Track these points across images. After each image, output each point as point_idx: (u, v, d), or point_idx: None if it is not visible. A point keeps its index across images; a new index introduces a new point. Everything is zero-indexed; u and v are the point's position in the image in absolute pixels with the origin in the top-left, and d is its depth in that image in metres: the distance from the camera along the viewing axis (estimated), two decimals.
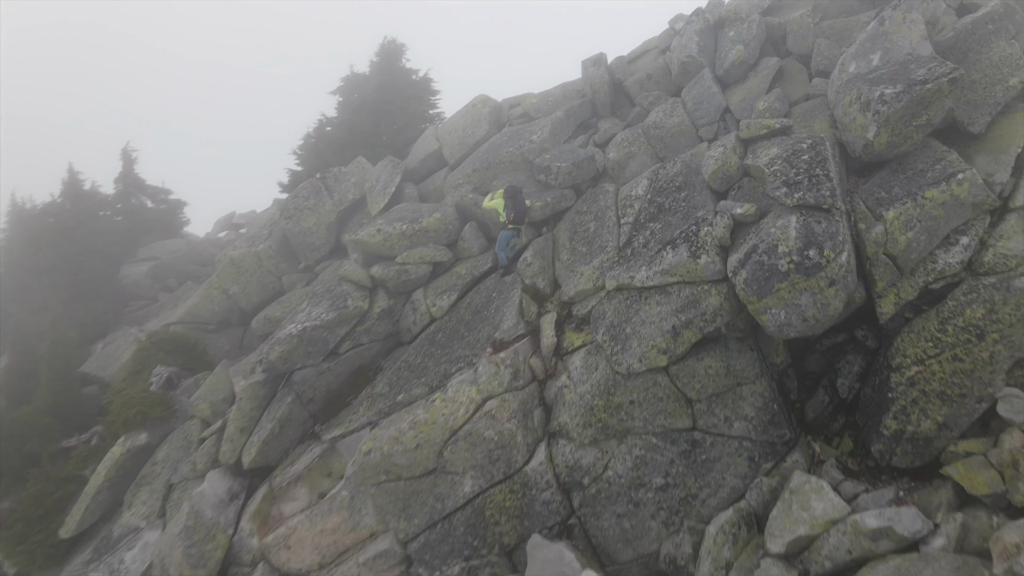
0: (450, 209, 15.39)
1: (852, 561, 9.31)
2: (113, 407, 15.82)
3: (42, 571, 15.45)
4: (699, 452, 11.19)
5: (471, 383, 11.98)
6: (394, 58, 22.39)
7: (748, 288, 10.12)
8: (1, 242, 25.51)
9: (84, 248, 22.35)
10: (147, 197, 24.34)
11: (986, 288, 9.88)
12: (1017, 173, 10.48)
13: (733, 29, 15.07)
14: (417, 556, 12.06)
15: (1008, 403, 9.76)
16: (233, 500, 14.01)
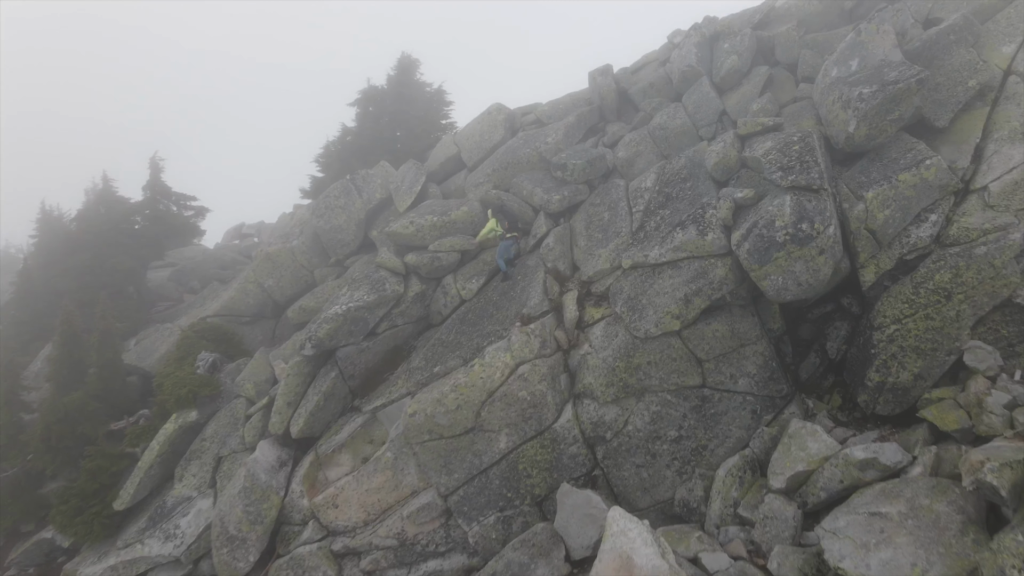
0: (475, 203, 16.98)
1: (843, 489, 10.86)
2: (164, 388, 17.10)
3: (98, 540, 16.64)
4: (708, 407, 12.75)
5: (505, 350, 13.49)
6: (409, 72, 24.06)
7: (751, 257, 11.77)
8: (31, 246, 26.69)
9: (116, 250, 23.62)
10: (172, 203, 25.69)
11: (952, 256, 11.58)
12: (976, 160, 12.24)
13: (727, 42, 16.87)
14: (456, 508, 13.46)
15: (973, 354, 11.42)
16: (282, 467, 15.37)
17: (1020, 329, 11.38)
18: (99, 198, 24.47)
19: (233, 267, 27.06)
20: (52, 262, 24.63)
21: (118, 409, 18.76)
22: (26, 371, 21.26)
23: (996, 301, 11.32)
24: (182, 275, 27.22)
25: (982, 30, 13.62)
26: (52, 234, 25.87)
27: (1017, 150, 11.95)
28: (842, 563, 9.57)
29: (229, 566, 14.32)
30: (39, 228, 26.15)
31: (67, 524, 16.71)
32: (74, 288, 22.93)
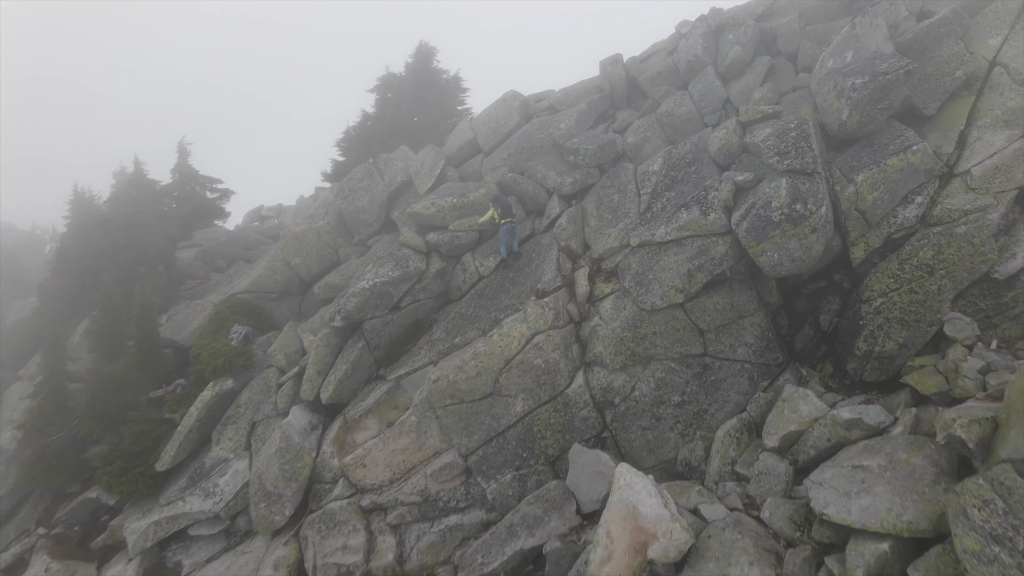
0: (492, 185, 18.04)
1: (831, 447, 11.92)
2: (201, 358, 18.30)
3: (142, 499, 17.93)
4: (709, 374, 13.82)
5: (522, 321, 14.59)
6: (427, 60, 25.00)
7: (749, 235, 12.79)
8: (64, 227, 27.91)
9: (147, 230, 24.80)
10: (199, 186, 26.80)
11: (935, 235, 12.56)
12: (960, 146, 13.17)
13: (732, 33, 17.76)
14: (476, 467, 14.62)
15: (952, 324, 12.43)
16: (313, 430, 16.57)
17: (996, 302, 12.37)
18: (131, 180, 25.63)
19: (257, 247, 28.20)
20: (87, 242, 25.79)
21: (156, 379, 19.99)
22: (66, 344, 22.50)
23: (974, 276, 12.31)
24: (208, 255, 28.42)
25: (971, 23, 14.48)
26: (85, 215, 27.02)
27: (998, 137, 12.88)
28: (826, 509, 10.63)
29: (267, 519, 15.57)
30: (72, 210, 27.31)
31: (113, 483, 17.98)
32: (108, 266, 24.11)
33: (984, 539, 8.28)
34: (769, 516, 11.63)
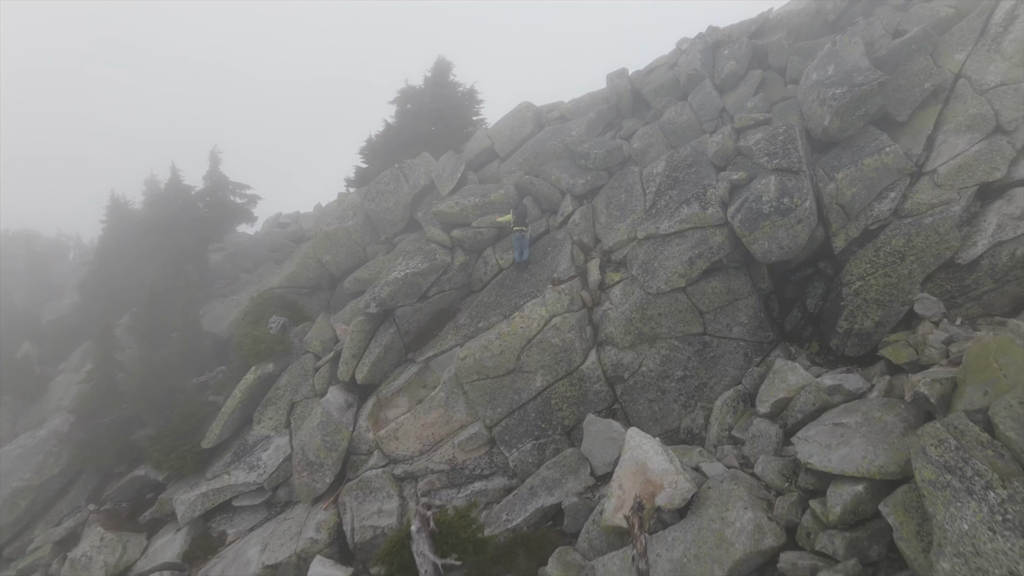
0: (510, 187, 19.81)
1: (815, 411, 13.56)
2: (244, 345, 19.99)
3: (189, 474, 19.55)
4: (708, 351, 15.52)
5: (541, 305, 16.31)
6: (444, 74, 26.87)
7: (742, 226, 14.54)
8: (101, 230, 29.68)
9: (182, 233, 26.56)
10: (229, 192, 28.59)
11: (905, 226, 14.30)
12: (928, 148, 14.94)
13: (727, 49, 19.60)
14: (499, 437, 16.26)
15: (922, 303, 14.13)
16: (349, 408, 18.24)
17: (960, 284, 14.09)
18: (168, 186, 27.40)
19: (281, 249, 29.92)
20: (124, 243, 27.59)
21: (198, 366, 21.70)
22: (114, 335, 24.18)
23: (940, 261, 14.03)
24: (235, 257, 30.20)
25: (940, 40, 16.30)
26: (121, 219, 28.83)
27: (961, 139, 14.66)
28: (810, 459, 12.26)
29: (309, 487, 17.20)
30: (109, 214, 29.09)
31: (162, 460, 19.62)
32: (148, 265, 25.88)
33: (939, 469, 9.91)
34: (761, 470, 13.27)
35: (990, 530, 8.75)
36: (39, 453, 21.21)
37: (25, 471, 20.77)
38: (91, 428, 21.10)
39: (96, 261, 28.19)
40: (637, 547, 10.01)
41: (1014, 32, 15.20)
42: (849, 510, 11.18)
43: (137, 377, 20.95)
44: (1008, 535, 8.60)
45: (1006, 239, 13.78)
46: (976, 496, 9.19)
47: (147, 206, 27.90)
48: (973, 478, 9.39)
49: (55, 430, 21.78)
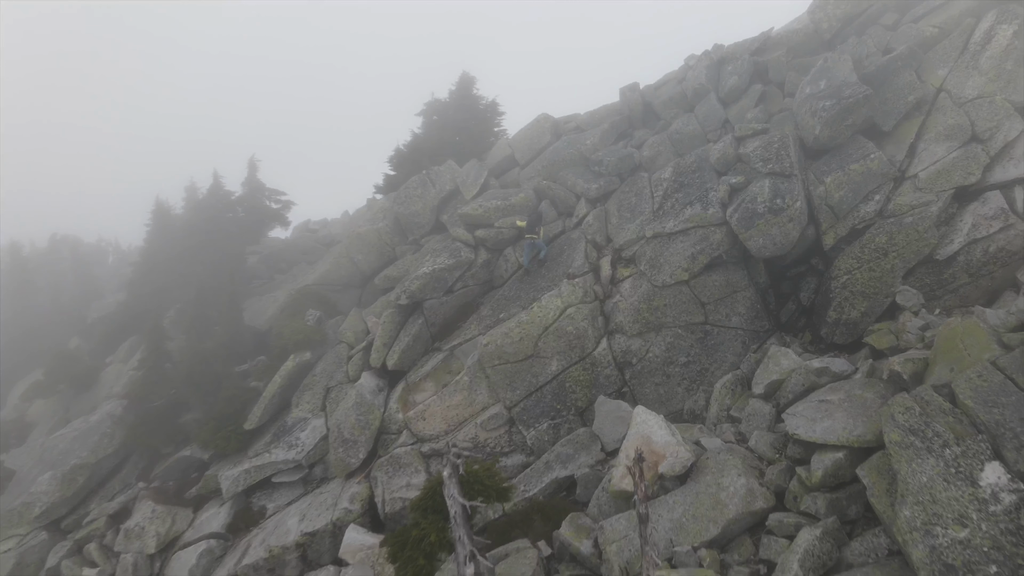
0: (530, 191, 21.51)
1: (804, 391, 14.99)
2: (284, 335, 21.79)
3: (232, 452, 21.28)
4: (709, 339, 17.03)
5: (557, 296, 17.94)
6: (468, 87, 28.70)
7: (739, 225, 16.10)
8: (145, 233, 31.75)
9: (222, 235, 28.52)
10: (266, 197, 30.55)
11: (888, 224, 15.78)
12: (910, 155, 16.43)
13: (731, 65, 21.21)
14: (518, 417, 17.83)
15: (903, 295, 15.57)
16: (380, 391, 19.91)
17: (938, 278, 15.53)
18: (209, 191, 29.42)
19: (313, 252, 31.76)
20: (168, 245, 29.61)
21: (240, 356, 23.51)
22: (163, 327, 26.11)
23: (920, 257, 15.50)
24: (270, 259, 32.13)
25: (924, 58, 17.80)
26: (164, 222, 30.89)
27: (941, 147, 16.14)
28: (797, 431, 13.67)
29: (343, 462, 18.86)
30: (153, 218, 31.15)
31: (208, 440, 21.39)
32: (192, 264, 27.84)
33: (904, 432, 11.34)
34: (755, 443, 14.73)
35: (945, 480, 10.19)
36: (95, 434, 23.06)
37: (82, 450, 22.62)
38: (142, 412, 22.95)
39: (141, 261, 30.23)
40: (638, 493, 11.50)
41: (990, 50, 16.68)
42: (830, 474, 12.57)
43: (184, 365, 22.78)
44: (960, 484, 10.03)
45: (980, 237, 15.23)
46: (935, 453, 10.63)
47: (188, 210, 29.94)
48: (933, 438, 10.81)
49: (109, 413, 23.63)
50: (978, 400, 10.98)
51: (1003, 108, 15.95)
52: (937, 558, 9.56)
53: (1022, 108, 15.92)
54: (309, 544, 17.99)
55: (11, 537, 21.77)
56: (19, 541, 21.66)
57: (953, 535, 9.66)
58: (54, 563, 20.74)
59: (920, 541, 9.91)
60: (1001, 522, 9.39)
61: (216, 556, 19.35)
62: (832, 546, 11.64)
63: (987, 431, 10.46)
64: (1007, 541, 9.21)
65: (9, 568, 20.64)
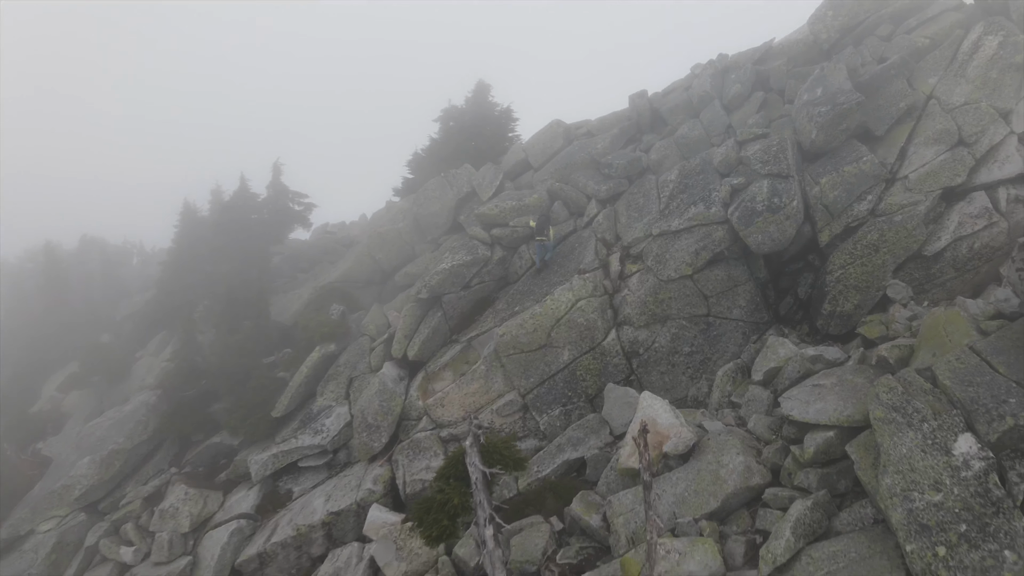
0: (543, 192, 22.71)
1: (800, 377, 16.03)
2: (310, 327, 23.05)
3: (261, 439, 22.52)
4: (712, 330, 18.13)
5: (569, 290, 19.10)
6: (483, 95, 30.00)
7: (740, 222, 17.22)
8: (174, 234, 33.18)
9: (248, 235, 29.88)
10: (289, 200, 31.92)
11: (879, 222, 16.85)
12: (901, 158, 17.50)
13: (734, 73, 22.36)
14: (531, 404, 18.96)
15: (893, 288, 16.63)
16: (401, 380, 21.11)
17: (927, 273, 16.59)
18: (236, 194, 30.82)
19: (334, 252, 33.04)
20: (196, 244, 31.01)
21: (267, 349, 24.77)
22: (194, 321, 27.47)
23: (909, 253, 16.56)
24: (292, 259, 33.47)
25: (916, 66, 18.89)
26: (192, 223, 32.32)
27: (929, 151, 17.20)
28: (792, 412, 14.72)
29: (367, 446, 20.04)
30: (181, 219, 32.59)
31: (238, 427, 22.64)
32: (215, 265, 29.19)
33: (887, 409, 12.38)
34: (753, 426, 15.79)
35: (922, 451, 11.23)
36: (130, 422, 24.37)
37: (119, 437, 23.93)
38: (175, 401, 24.25)
39: (170, 260, 31.64)
40: (643, 462, 12.59)
41: (977, 59, 17.76)
42: (821, 451, 13.59)
43: (215, 357, 24.08)
44: (935, 454, 11.08)
45: (965, 234, 16.29)
46: (914, 427, 11.67)
47: (214, 212, 31.34)
48: (913, 414, 11.86)
49: (144, 402, 24.95)
50: (955, 380, 11.98)
51: (988, 114, 17.02)
52: (913, 519, 10.56)
53: (1006, 114, 16.99)
54: (334, 523, 19.15)
55: (52, 518, 23.06)
56: (59, 522, 22.95)
57: (929, 499, 10.67)
58: (92, 542, 22.00)
59: (899, 505, 10.92)
60: (971, 486, 10.40)
61: (246, 535, 20.53)
62: (822, 515, 12.64)
63: (962, 407, 11.47)
64: (976, 502, 10.22)
65: (51, 546, 21.93)
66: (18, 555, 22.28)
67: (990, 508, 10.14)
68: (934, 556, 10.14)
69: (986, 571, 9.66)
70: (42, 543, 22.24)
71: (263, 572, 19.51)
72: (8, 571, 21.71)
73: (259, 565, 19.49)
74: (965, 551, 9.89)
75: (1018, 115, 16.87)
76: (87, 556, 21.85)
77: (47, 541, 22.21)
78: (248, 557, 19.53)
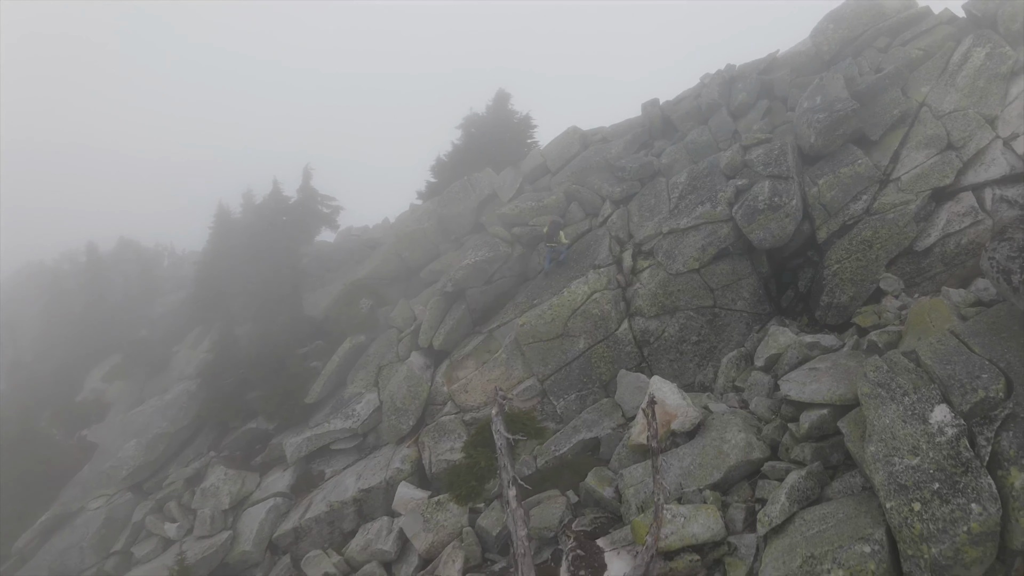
0: (561, 194, 24.23)
1: (798, 362, 17.32)
2: (341, 320, 24.69)
3: (295, 424, 24.11)
4: (717, 320, 19.50)
5: (584, 283, 20.57)
6: (503, 103, 31.60)
7: (743, 220, 18.64)
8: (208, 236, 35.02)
9: (281, 235, 31.61)
10: (318, 203, 33.67)
11: (873, 220, 18.19)
12: (894, 161, 18.84)
13: (740, 83, 23.80)
14: (549, 389, 20.39)
15: (886, 281, 17.94)
16: (428, 368, 22.63)
17: (917, 267, 17.90)
18: (269, 196, 32.62)
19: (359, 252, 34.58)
20: (230, 244, 32.82)
21: (300, 340, 26.41)
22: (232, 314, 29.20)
23: (900, 248, 17.88)
24: (319, 259, 35.14)
25: (909, 76, 20.23)
26: (226, 224, 34.16)
27: (920, 154, 18.54)
28: (789, 393, 16.01)
29: (395, 428, 21.56)
30: (216, 221, 34.42)
31: (273, 412, 24.26)
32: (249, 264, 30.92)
33: (873, 385, 13.67)
34: (754, 407, 17.11)
35: (903, 421, 12.53)
36: (173, 408, 26.09)
37: (162, 422, 25.65)
38: (214, 389, 25.90)
39: (205, 259, 33.46)
40: (649, 430, 14.00)
41: (966, 70, 19.09)
42: (815, 427, 14.86)
43: (252, 348, 25.74)
44: (914, 423, 12.37)
45: (953, 231, 17.61)
46: (896, 400, 12.98)
47: (246, 214, 33.17)
48: (896, 389, 13.16)
49: (185, 390, 26.66)
50: (935, 359, 13.26)
51: (975, 120, 18.34)
52: (893, 480, 11.86)
53: (992, 120, 18.30)
54: (364, 499, 20.63)
55: (101, 496, 24.78)
56: (108, 500, 24.64)
57: (907, 462, 11.97)
58: (139, 518, 23.65)
59: (881, 468, 12.21)
60: (944, 450, 11.68)
61: (282, 512, 22.08)
62: (815, 484, 13.92)
63: (940, 382, 12.75)
64: (948, 464, 11.51)
65: (100, 521, 23.59)
66: (71, 529, 23.99)
67: (960, 468, 11.39)
68: (910, 511, 11.42)
69: (955, 522, 10.94)
70: (92, 519, 23.91)
71: (298, 545, 21.02)
72: (62, 544, 23.42)
73: (294, 539, 21.00)
74: (937, 505, 11.15)
75: (1003, 121, 18.17)
76: (134, 531, 23.48)
77: (97, 517, 23.88)
78: (284, 531, 21.04)
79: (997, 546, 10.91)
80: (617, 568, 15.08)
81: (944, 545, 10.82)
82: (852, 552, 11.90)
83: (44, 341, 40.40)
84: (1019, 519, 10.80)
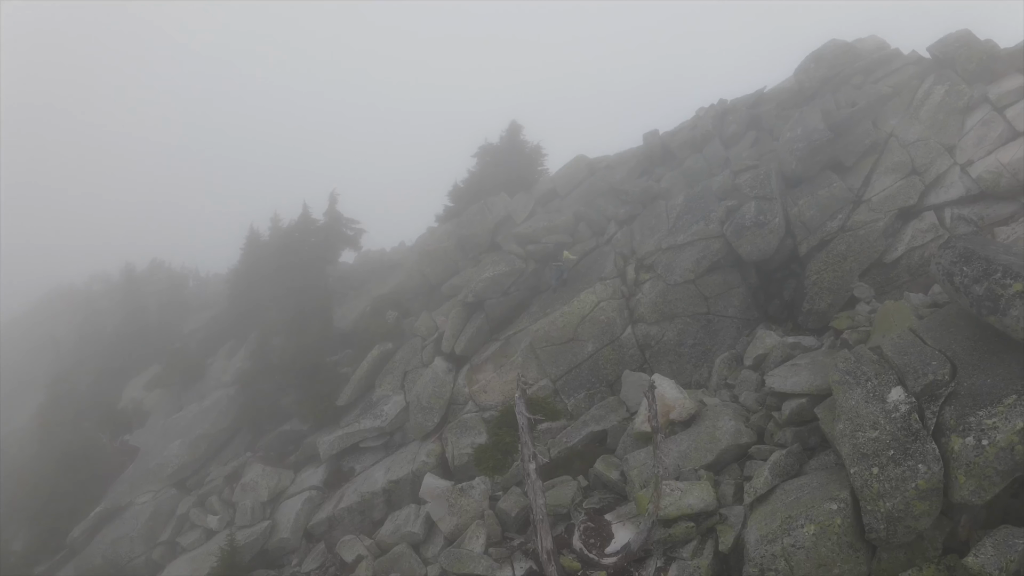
0: (570, 215, 26.79)
1: (782, 360, 19.58)
2: (369, 329, 27.06)
3: (327, 424, 26.33)
4: (711, 326, 21.86)
5: (592, 293, 22.99)
6: (516, 133, 34.32)
7: (733, 236, 21.13)
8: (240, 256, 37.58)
9: (308, 256, 34.15)
10: (343, 226, 36.25)
11: (847, 235, 20.64)
12: (865, 184, 21.36)
13: (732, 116, 26.48)
14: (560, 388, 22.67)
15: (859, 290, 20.31)
16: (450, 372, 24.94)
17: (887, 277, 20.30)
18: (299, 219, 35.24)
19: (379, 272, 37.13)
20: (260, 264, 35.35)
21: (330, 349, 28.76)
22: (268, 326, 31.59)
23: (871, 261, 20.31)
24: (343, 279, 37.66)
25: (880, 110, 22.85)
26: (256, 246, 36.74)
27: (888, 179, 21.07)
28: (773, 385, 18.18)
29: (421, 425, 23.80)
30: (247, 242, 37.00)
31: (307, 414, 26.51)
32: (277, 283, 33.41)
33: (841, 373, 15.88)
34: (743, 400, 19.37)
35: (866, 402, 14.73)
36: (213, 411, 28.38)
37: (204, 424, 27.94)
38: (251, 394, 28.22)
39: (236, 279, 36.02)
40: (650, 412, 16.28)
41: (928, 104, 21.72)
42: (795, 413, 17.04)
43: (287, 356, 28.08)
44: (875, 402, 14.58)
45: (917, 245, 20.05)
46: (860, 385, 15.19)
47: (274, 236, 35.79)
48: (860, 376, 15.38)
49: (225, 395, 28.98)
50: (894, 351, 15.49)
51: (936, 149, 20.91)
52: (857, 450, 14.01)
53: (951, 148, 20.86)
54: (393, 490, 22.77)
55: (147, 492, 26.95)
56: (154, 495, 26.81)
57: (868, 435, 14.15)
58: (183, 511, 25.79)
59: (847, 441, 14.37)
60: (898, 423, 13.87)
61: (316, 503, 24.21)
62: (795, 461, 16.09)
63: (897, 369, 14.97)
64: (901, 434, 13.69)
65: (148, 514, 25.74)
66: (120, 521, 26.13)
67: (911, 437, 13.57)
68: (870, 474, 13.58)
69: (905, 480, 13.11)
70: (140, 512, 26.07)
71: (331, 533, 23.11)
72: (114, 534, 25.55)
73: (328, 527, 23.11)
74: (891, 468, 13.32)
75: (960, 149, 20.73)
76: (179, 523, 25.60)
77: (145, 510, 26.03)
78: (318, 521, 23.15)
79: (941, 500, 13.03)
80: (623, 535, 17.28)
81: (896, 500, 12.94)
82: (822, 510, 14.06)
83: (76, 356, 42.83)
84: (958, 476, 12.96)
